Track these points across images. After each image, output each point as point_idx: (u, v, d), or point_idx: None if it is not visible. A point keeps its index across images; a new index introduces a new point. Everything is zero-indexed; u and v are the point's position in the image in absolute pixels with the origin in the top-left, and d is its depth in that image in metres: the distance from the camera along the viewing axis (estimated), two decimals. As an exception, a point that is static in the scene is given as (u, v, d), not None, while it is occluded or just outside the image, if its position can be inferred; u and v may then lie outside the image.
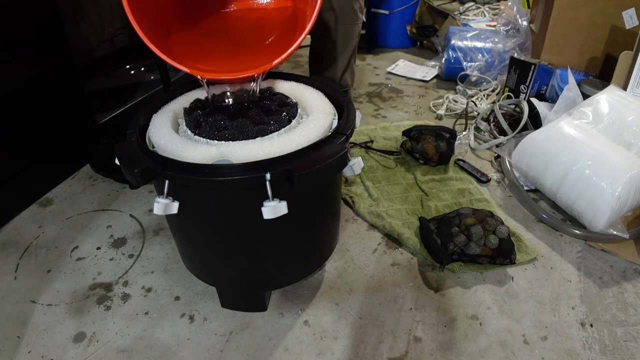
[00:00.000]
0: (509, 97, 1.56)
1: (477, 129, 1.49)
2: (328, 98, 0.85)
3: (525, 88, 1.52)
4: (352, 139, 1.33)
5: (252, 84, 0.83)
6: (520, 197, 1.17)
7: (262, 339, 0.84)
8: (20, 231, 1.11)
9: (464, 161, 1.31)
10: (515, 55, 1.56)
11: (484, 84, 1.76)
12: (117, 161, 0.68)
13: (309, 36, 0.82)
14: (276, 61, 0.77)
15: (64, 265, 1.01)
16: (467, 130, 1.48)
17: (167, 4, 0.85)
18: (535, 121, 1.38)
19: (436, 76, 1.93)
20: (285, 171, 0.64)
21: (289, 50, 0.77)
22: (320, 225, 0.84)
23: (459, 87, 1.76)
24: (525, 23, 1.77)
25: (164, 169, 0.65)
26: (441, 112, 1.62)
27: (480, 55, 1.79)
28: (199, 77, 0.76)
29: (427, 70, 1.97)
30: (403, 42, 2.26)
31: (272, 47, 0.84)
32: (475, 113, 1.58)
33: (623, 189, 0.95)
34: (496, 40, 1.79)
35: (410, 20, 2.21)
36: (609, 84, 1.19)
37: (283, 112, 0.78)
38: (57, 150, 1.27)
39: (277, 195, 0.65)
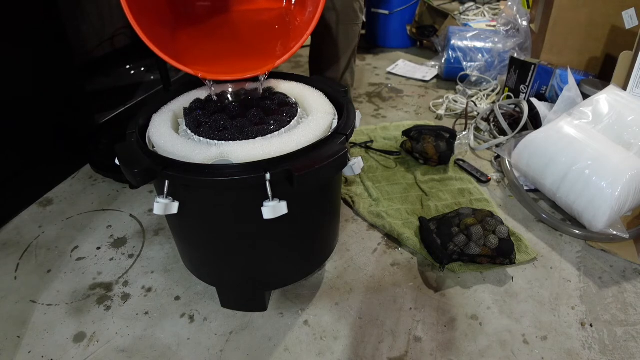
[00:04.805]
0: (509, 97, 1.56)
1: (477, 129, 1.49)
2: (328, 98, 0.85)
3: (525, 88, 1.52)
4: (352, 139, 1.33)
5: (254, 84, 0.83)
6: (520, 197, 1.17)
7: (262, 339, 0.84)
8: (20, 231, 1.11)
9: (464, 161, 1.31)
10: (515, 55, 1.56)
11: (484, 84, 1.76)
12: (117, 161, 0.68)
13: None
14: (279, 61, 0.77)
15: (64, 265, 1.01)
16: (467, 130, 1.48)
17: (165, 4, 0.85)
18: (535, 121, 1.38)
19: (436, 76, 1.93)
20: (285, 171, 0.64)
21: (292, 51, 0.77)
22: (320, 225, 0.84)
23: (459, 87, 1.76)
24: (525, 23, 1.78)
25: (164, 169, 0.65)
26: (441, 112, 1.62)
27: (480, 55, 1.79)
28: (200, 76, 0.76)
29: (427, 70, 1.97)
30: (403, 42, 2.26)
31: (274, 47, 0.84)
32: (475, 113, 1.58)
33: (623, 189, 0.95)
34: (496, 40, 1.79)
35: (410, 20, 2.21)
36: (608, 84, 1.19)
37: (283, 112, 0.78)
38: (57, 150, 1.27)
39: (277, 195, 0.65)
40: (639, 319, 0.86)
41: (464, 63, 1.80)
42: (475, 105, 1.61)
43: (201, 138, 0.73)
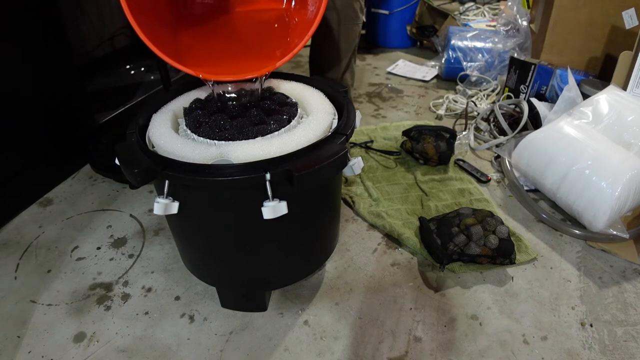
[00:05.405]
0: (509, 97, 1.56)
1: (477, 129, 1.49)
2: (328, 98, 0.85)
3: (525, 88, 1.52)
4: (352, 139, 1.33)
5: (254, 85, 0.83)
6: (520, 197, 1.17)
7: (262, 339, 0.84)
8: (20, 231, 1.11)
9: (464, 161, 1.31)
10: (515, 55, 1.56)
11: (484, 84, 1.76)
12: (117, 161, 0.68)
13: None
14: (280, 62, 0.77)
15: (64, 265, 1.01)
16: (467, 130, 1.48)
17: (165, 4, 0.85)
18: (535, 121, 1.38)
19: (436, 76, 1.93)
20: (285, 171, 0.64)
21: (293, 51, 0.77)
22: (320, 225, 0.84)
23: (459, 87, 1.76)
24: (525, 23, 1.77)
25: (164, 169, 0.65)
26: (441, 112, 1.62)
27: (480, 55, 1.79)
28: (201, 76, 0.76)
29: (427, 70, 1.97)
30: (403, 42, 2.26)
31: (274, 48, 0.84)
32: (475, 113, 1.58)
33: (623, 189, 0.95)
34: (496, 40, 1.79)
35: (410, 20, 2.21)
36: (609, 84, 1.19)
37: (283, 111, 0.78)
38: (57, 150, 1.27)
39: (277, 195, 0.65)
40: (639, 319, 0.86)
41: (464, 63, 1.80)
42: (475, 105, 1.61)
43: (201, 138, 0.73)
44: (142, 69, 1.74)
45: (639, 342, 0.82)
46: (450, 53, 1.81)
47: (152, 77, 1.68)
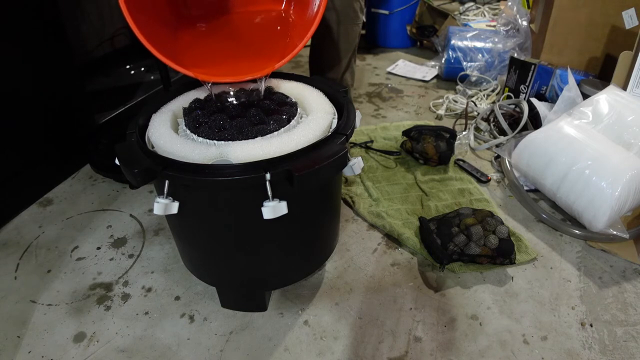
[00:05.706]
0: (509, 97, 1.56)
1: (477, 129, 1.49)
2: (328, 98, 0.85)
3: (525, 88, 1.52)
4: (352, 139, 1.33)
5: (254, 85, 0.83)
6: (520, 197, 1.17)
7: (262, 339, 0.84)
8: (20, 231, 1.11)
9: (464, 161, 1.31)
10: (515, 55, 1.56)
11: (484, 84, 1.76)
12: (117, 161, 0.68)
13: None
14: (279, 63, 0.77)
15: (64, 265, 1.01)
16: (467, 130, 1.48)
17: (165, 4, 0.85)
18: (535, 121, 1.38)
19: (436, 76, 1.93)
20: (285, 171, 0.64)
21: (293, 52, 0.77)
22: (320, 225, 0.84)
23: (459, 87, 1.76)
24: (525, 23, 1.77)
25: (164, 169, 0.65)
26: (441, 112, 1.62)
27: (480, 55, 1.79)
28: (200, 78, 0.76)
29: (427, 70, 1.97)
30: (403, 42, 2.26)
31: (274, 49, 0.84)
32: (475, 113, 1.58)
33: (623, 189, 0.95)
34: (496, 40, 1.79)
35: (410, 20, 2.21)
36: (608, 84, 1.19)
37: (283, 111, 0.78)
38: (57, 150, 1.27)
39: (277, 195, 0.65)
40: (639, 319, 0.86)
41: (464, 63, 1.80)
42: (475, 105, 1.61)
43: (201, 138, 0.73)
44: (142, 69, 1.74)
45: (639, 342, 0.82)
46: (450, 53, 1.81)
47: (152, 77, 1.68)
